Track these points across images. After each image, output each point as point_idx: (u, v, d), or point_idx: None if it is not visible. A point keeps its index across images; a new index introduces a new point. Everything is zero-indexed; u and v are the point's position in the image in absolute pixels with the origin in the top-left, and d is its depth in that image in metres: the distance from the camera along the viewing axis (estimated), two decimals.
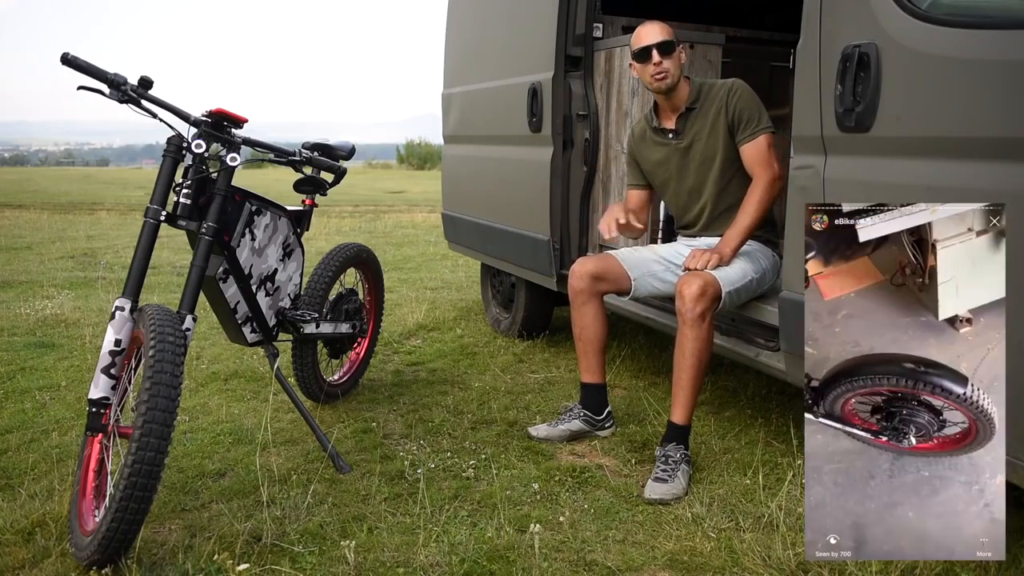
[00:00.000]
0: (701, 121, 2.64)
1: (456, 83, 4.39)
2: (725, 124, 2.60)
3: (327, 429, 2.76)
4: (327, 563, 1.93)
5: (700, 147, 2.65)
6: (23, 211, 11.49)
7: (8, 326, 4.25)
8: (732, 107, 2.58)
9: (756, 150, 2.55)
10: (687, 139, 2.67)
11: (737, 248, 2.53)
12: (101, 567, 1.82)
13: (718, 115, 2.60)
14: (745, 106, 2.57)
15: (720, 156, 2.62)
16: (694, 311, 2.35)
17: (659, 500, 2.26)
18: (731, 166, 2.63)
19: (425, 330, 4.35)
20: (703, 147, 2.64)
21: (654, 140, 2.75)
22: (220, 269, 2.39)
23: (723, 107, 2.59)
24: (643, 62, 2.60)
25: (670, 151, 2.71)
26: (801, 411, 1.73)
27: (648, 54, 2.58)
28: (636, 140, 2.82)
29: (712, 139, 2.62)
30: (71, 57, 2.06)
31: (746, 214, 2.54)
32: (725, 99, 2.59)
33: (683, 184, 2.72)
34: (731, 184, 2.64)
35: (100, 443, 2.05)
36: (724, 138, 2.61)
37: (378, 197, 16.14)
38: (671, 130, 2.69)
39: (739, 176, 2.63)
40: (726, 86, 2.62)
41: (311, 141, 2.68)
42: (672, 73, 2.58)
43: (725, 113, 2.59)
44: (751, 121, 2.56)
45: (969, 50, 1.72)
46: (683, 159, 2.69)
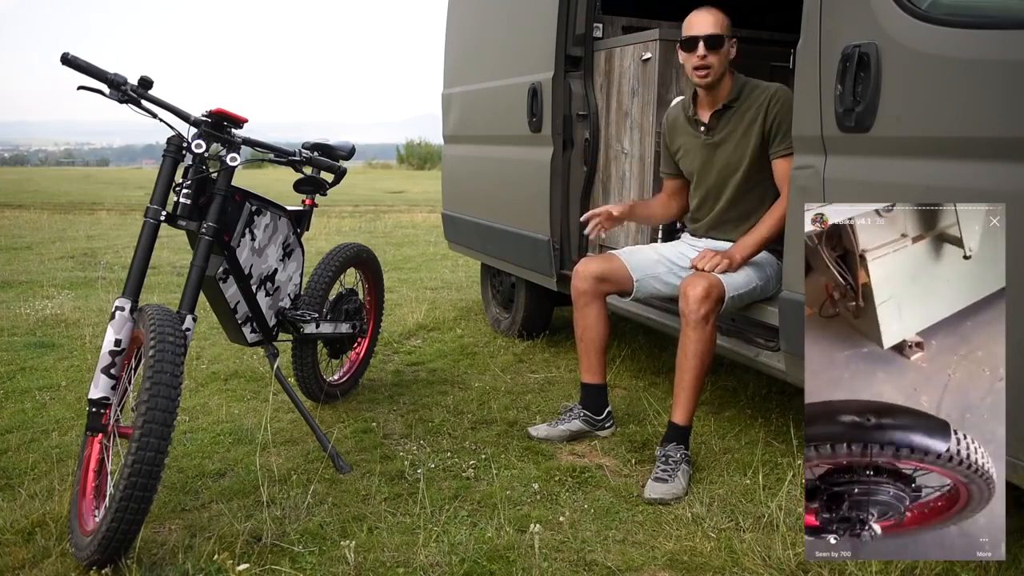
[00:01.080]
0: (736, 122, 2.54)
1: (456, 83, 4.39)
2: (760, 131, 2.49)
3: (327, 429, 2.76)
4: (327, 563, 1.93)
5: (729, 148, 2.56)
6: (23, 211, 11.49)
7: (8, 326, 4.25)
8: (772, 116, 2.47)
9: (788, 166, 2.38)
10: (718, 137, 2.58)
11: (749, 257, 2.50)
12: (101, 567, 1.82)
13: (754, 120, 2.50)
14: (784, 117, 2.42)
15: (746, 163, 2.53)
16: (698, 313, 2.35)
17: (659, 500, 2.26)
18: (755, 175, 2.55)
19: (425, 330, 4.34)
20: (732, 149, 2.56)
21: (685, 129, 2.67)
22: (220, 269, 2.39)
23: (762, 113, 2.48)
24: (688, 51, 2.48)
25: (699, 144, 2.63)
26: (801, 411, 1.72)
27: (695, 44, 2.45)
28: (669, 124, 2.74)
29: (743, 143, 2.53)
30: (71, 57, 2.06)
31: (766, 226, 2.49)
32: (766, 105, 2.48)
33: (704, 181, 2.66)
34: (752, 192, 2.58)
35: (100, 443, 2.05)
36: (755, 145, 2.51)
37: (378, 197, 16.14)
38: (704, 123, 2.60)
39: (761, 187, 2.56)
40: (769, 91, 2.50)
41: (311, 141, 2.68)
42: (716, 70, 2.47)
43: (763, 120, 2.48)
44: (789, 133, 2.39)
45: (969, 50, 1.72)
46: (709, 157, 2.61)
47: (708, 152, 2.62)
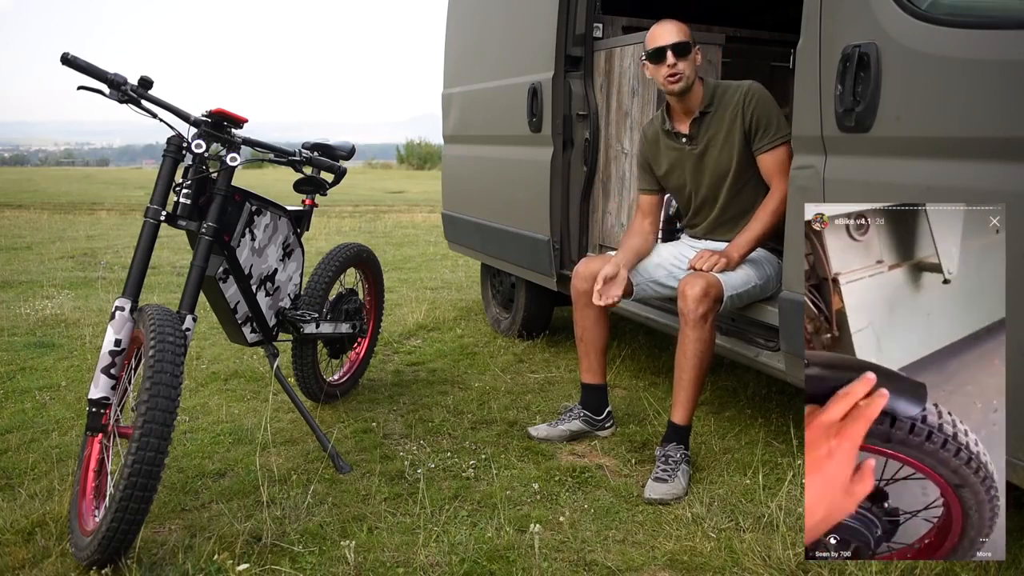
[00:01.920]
0: (716, 126, 2.56)
1: (456, 83, 4.39)
2: (741, 131, 2.51)
3: (327, 429, 2.76)
4: (327, 563, 1.93)
5: (715, 154, 2.57)
6: (23, 211, 11.49)
7: (8, 326, 4.25)
8: (749, 113, 2.49)
9: (775, 160, 2.47)
10: (701, 144, 2.59)
11: (746, 255, 2.50)
12: (101, 567, 1.82)
13: (734, 121, 2.52)
14: (763, 112, 2.48)
15: (735, 164, 2.55)
16: (696, 312, 2.35)
17: (659, 500, 2.26)
18: (745, 173, 2.56)
19: (425, 330, 4.34)
20: (717, 154, 2.57)
21: (667, 144, 2.67)
22: (220, 269, 2.39)
23: (739, 113, 2.51)
24: (657, 63, 2.51)
25: (683, 156, 2.64)
26: (801, 411, 1.72)
27: (663, 55, 2.48)
28: (648, 143, 2.74)
29: (727, 146, 2.54)
30: (71, 57, 2.06)
31: (759, 222, 2.50)
32: (741, 104, 2.51)
33: (696, 190, 2.66)
34: (744, 191, 2.59)
35: (100, 443, 2.05)
36: (740, 145, 2.53)
37: (378, 197, 16.14)
38: (684, 134, 2.61)
39: (752, 183, 2.57)
40: (741, 89, 2.53)
41: (311, 141, 2.68)
42: (687, 75, 2.49)
43: (742, 119, 2.50)
44: (769, 129, 2.48)
45: (969, 50, 1.72)
46: (697, 165, 2.62)
47: (695, 161, 2.62)
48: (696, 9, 3.89)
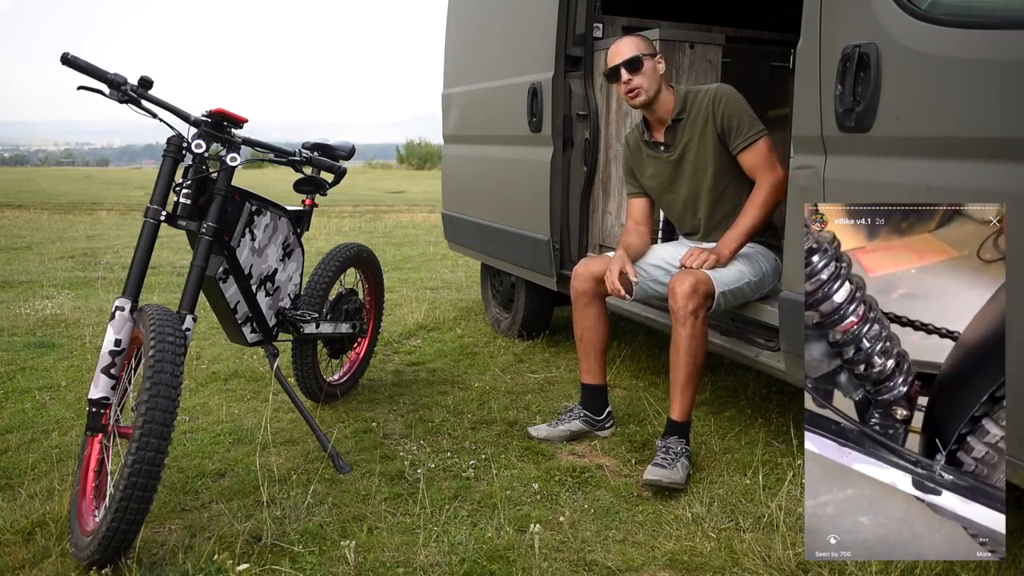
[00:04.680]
0: (689, 132, 2.60)
1: (456, 83, 4.39)
2: (714, 133, 2.55)
3: (327, 429, 2.76)
4: (327, 563, 1.93)
5: (691, 158, 2.61)
6: (23, 211, 11.49)
7: (8, 326, 4.25)
8: (720, 115, 2.53)
9: (756, 155, 2.51)
10: (677, 151, 2.63)
11: (736, 250, 2.52)
12: (101, 567, 1.82)
13: (706, 125, 2.56)
14: (733, 112, 2.52)
15: (712, 166, 2.59)
16: (685, 308, 2.35)
17: (656, 482, 2.26)
18: (725, 174, 2.59)
19: (425, 330, 4.35)
20: (694, 158, 2.61)
21: (648, 153, 2.72)
22: (220, 269, 2.39)
23: (710, 116, 2.54)
24: (614, 82, 2.60)
25: (662, 164, 2.68)
26: (801, 411, 1.73)
27: (617, 74, 2.56)
28: (631, 152, 2.79)
29: (702, 149, 2.58)
30: (71, 57, 2.06)
31: (747, 216, 2.52)
32: (711, 107, 2.54)
33: (678, 195, 2.69)
34: (727, 192, 2.62)
35: (100, 443, 2.05)
36: (714, 147, 2.57)
37: (378, 197, 16.14)
38: (661, 143, 2.66)
39: (735, 183, 2.60)
40: (710, 93, 2.57)
41: (311, 141, 2.68)
42: (645, 88, 2.54)
43: (713, 122, 2.54)
44: (742, 127, 2.51)
45: (969, 50, 1.72)
46: (676, 171, 2.66)
47: (674, 168, 2.67)
48: (696, 9, 3.89)
